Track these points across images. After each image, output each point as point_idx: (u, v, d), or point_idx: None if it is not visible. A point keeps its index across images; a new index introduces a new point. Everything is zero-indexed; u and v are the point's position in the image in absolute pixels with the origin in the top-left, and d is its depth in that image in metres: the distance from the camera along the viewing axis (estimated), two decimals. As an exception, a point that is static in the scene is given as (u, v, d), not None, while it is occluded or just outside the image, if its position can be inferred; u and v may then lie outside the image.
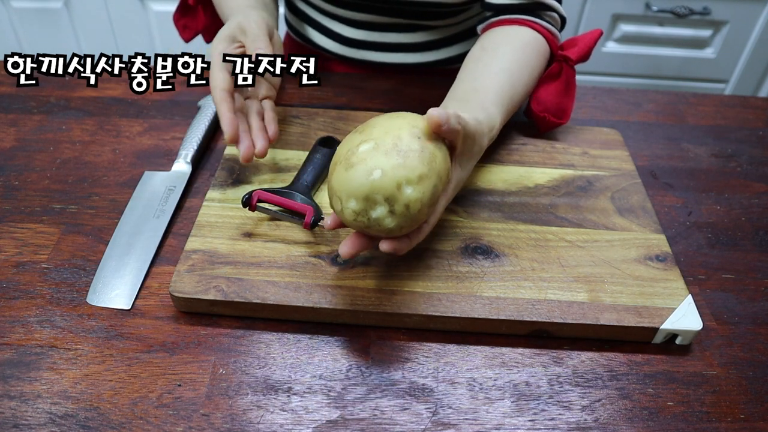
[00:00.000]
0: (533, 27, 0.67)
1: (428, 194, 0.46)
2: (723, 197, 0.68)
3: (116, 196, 0.63)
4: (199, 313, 0.53)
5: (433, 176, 0.46)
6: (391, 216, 0.45)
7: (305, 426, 0.45)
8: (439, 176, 0.46)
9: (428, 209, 0.47)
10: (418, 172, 0.45)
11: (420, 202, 0.45)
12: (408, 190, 0.44)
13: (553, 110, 0.70)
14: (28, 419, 0.45)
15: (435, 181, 0.46)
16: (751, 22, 1.50)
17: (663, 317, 0.52)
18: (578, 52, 0.68)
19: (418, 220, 0.47)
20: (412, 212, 0.45)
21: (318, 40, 0.85)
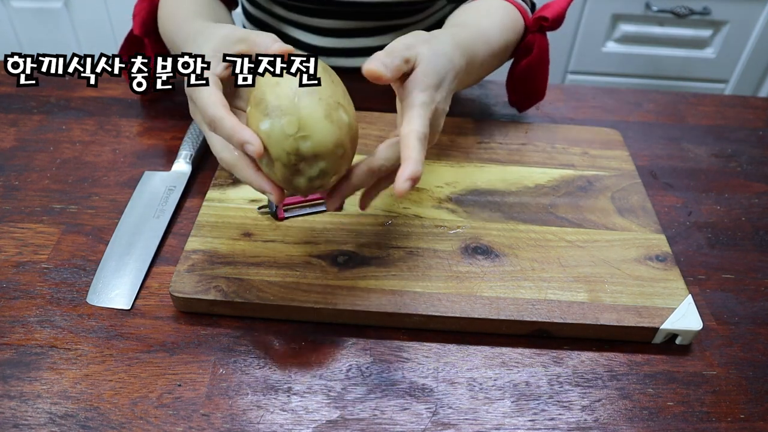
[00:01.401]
0: (507, 1, 0.68)
1: (323, 102, 0.43)
2: (723, 197, 0.68)
3: (116, 196, 0.63)
4: (199, 313, 0.53)
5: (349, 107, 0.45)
6: (314, 168, 0.44)
7: (305, 426, 0.45)
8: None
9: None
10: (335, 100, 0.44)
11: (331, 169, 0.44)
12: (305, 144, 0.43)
13: (530, 88, 0.72)
14: (28, 419, 0.45)
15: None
16: (751, 22, 1.50)
17: (663, 317, 0.52)
18: (553, 12, 0.68)
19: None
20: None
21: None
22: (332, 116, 0.43)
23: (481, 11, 0.66)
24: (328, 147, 0.43)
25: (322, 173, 0.44)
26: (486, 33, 0.62)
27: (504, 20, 0.66)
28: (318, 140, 0.43)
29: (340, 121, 0.44)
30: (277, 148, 0.43)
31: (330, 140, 0.43)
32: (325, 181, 0.45)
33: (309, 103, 0.43)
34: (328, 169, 0.44)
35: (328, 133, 0.43)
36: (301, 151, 0.43)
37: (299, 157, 0.43)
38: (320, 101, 0.43)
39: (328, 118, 0.43)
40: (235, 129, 0.43)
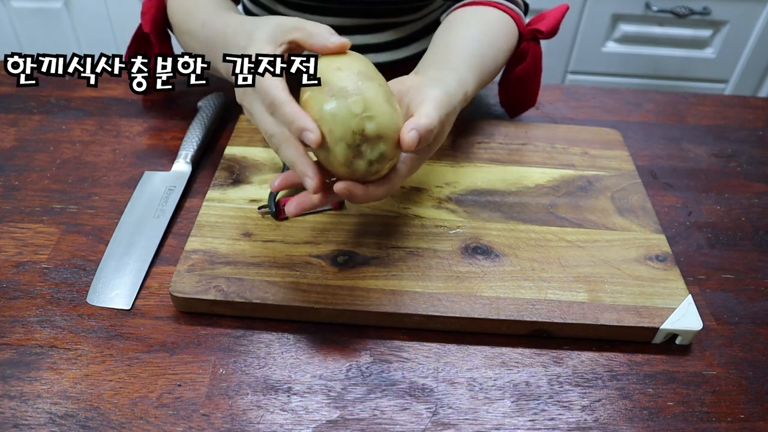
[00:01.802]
0: (498, 7, 0.68)
1: (382, 88, 0.46)
2: (723, 197, 0.68)
3: (116, 196, 0.63)
4: (199, 313, 0.53)
5: (377, 77, 0.46)
6: (373, 149, 0.45)
7: (305, 426, 0.45)
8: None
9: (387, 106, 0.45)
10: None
11: (377, 95, 0.45)
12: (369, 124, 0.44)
13: (522, 94, 0.72)
14: (28, 419, 0.45)
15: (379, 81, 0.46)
16: (751, 22, 1.50)
17: (663, 317, 0.52)
18: (548, 25, 0.68)
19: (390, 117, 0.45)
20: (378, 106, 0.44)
21: None
22: (391, 101, 0.46)
23: (479, 27, 0.64)
24: (390, 128, 0.45)
25: (381, 157, 0.45)
26: (484, 58, 0.61)
27: (500, 40, 0.65)
28: (381, 122, 0.44)
29: (397, 108, 0.47)
30: (343, 127, 0.44)
31: (391, 122, 0.45)
32: (382, 165, 0.46)
33: (371, 87, 0.45)
34: (387, 153, 0.46)
35: (390, 116, 0.45)
36: (366, 131, 0.44)
37: (363, 138, 0.44)
38: (380, 87, 0.46)
39: (389, 103, 0.45)
40: (296, 115, 0.44)
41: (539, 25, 0.68)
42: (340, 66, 0.46)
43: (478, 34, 0.63)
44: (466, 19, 0.66)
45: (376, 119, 0.44)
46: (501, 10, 0.67)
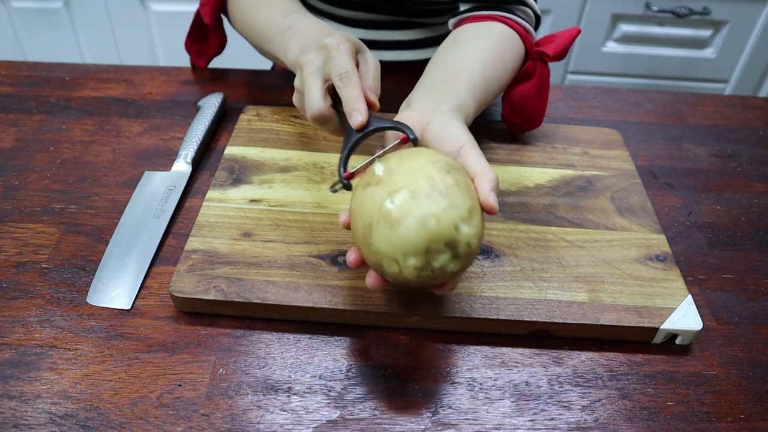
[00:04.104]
0: (506, 23, 0.66)
1: (481, 225, 0.43)
2: (723, 197, 0.68)
3: (116, 196, 0.63)
4: (199, 313, 0.53)
5: (478, 205, 0.43)
6: (455, 260, 0.42)
7: (305, 426, 0.45)
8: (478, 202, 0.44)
9: (480, 241, 0.44)
10: (467, 205, 0.42)
11: (478, 236, 0.42)
12: (465, 228, 0.41)
13: (527, 114, 0.68)
14: (28, 419, 0.45)
15: (480, 210, 0.43)
16: (751, 22, 1.50)
17: (663, 317, 0.52)
18: (555, 49, 0.66)
19: (477, 253, 0.44)
20: (473, 249, 0.42)
21: None
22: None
23: (483, 47, 0.63)
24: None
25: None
26: (487, 81, 0.60)
27: (505, 59, 0.64)
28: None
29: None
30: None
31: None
32: (444, 276, 0.43)
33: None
34: (458, 272, 0.43)
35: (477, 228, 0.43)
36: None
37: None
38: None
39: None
40: (358, 96, 0.51)
41: (546, 47, 0.66)
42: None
43: (481, 56, 0.61)
44: (471, 38, 0.64)
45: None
46: (508, 25, 0.66)
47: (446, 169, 0.43)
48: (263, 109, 0.73)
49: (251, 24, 0.70)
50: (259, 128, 0.70)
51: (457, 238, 0.41)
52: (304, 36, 0.59)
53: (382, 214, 0.41)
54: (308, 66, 0.54)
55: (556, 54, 0.66)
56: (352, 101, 0.51)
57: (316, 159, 0.66)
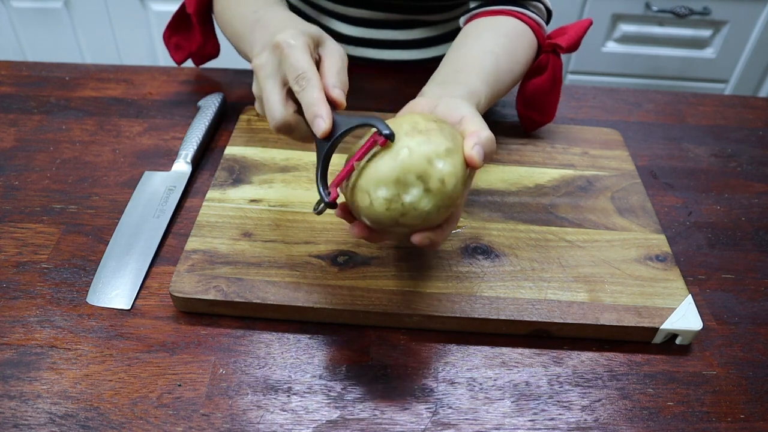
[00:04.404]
0: (518, 17, 0.66)
1: (460, 168, 0.42)
2: (723, 197, 0.68)
3: (116, 196, 0.63)
4: (199, 313, 0.53)
5: (459, 151, 0.43)
6: (427, 195, 0.41)
7: (305, 426, 0.45)
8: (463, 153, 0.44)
9: (462, 188, 0.43)
10: (445, 146, 0.42)
11: (454, 176, 0.42)
12: (439, 164, 0.41)
13: (539, 108, 0.69)
14: (28, 419, 0.45)
15: (462, 157, 0.43)
16: (751, 22, 1.50)
17: (663, 317, 0.52)
18: (568, 40, 0.66)
19: (454, 198, 0.43)
20: (448, 188, 0.42)
21: None
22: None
23: (495, 41, 0.62)
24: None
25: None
26: (499, 73, 0.60)
27: (518, 52, 0.63)
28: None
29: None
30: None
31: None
32: (416, 215, 0.43)
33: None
34: (431, 211, 0.43)
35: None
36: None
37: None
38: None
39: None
40: (318, 99, 0.45)
41: (559, 39, 0.66)
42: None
43: (494, 48, 0.61)
44: (483, 31, 0.64)
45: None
46: (520, 19, 0.66)
47: (433, 119, 0.44)
48: (263, 109, 0.73)
49: (227, 20, 0.67)
50: (259, 128, 0.70)
51: (429, 171, 0.41)
52: (265, 32, 0.53)
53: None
54: (262, 70, 0.48)
55: (569, 45, 0.66)
56: (312, 106, 0.46)
57: (315, 159, 0.66)
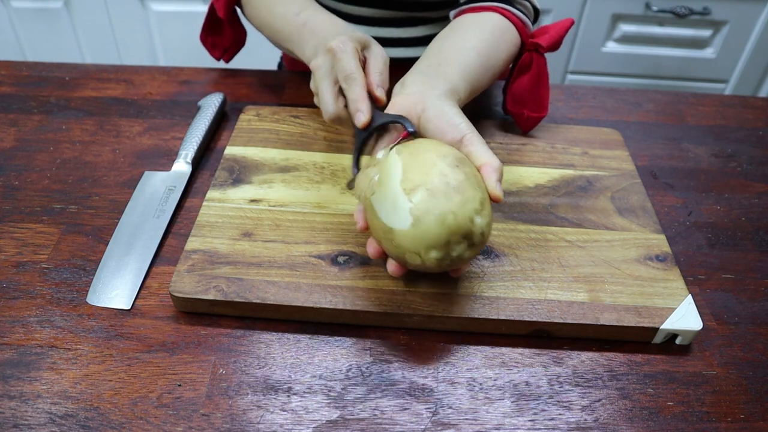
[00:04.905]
0: (503, 14, 0.67)
1: (491, 214, 0.47)
2: (723, 197, 0.68)
3: (116, 196, 0.63)
4: (199, 313, 0.53)
5: (486, 194, 0.47)
6: (471, 248, 0.45)
7: (305, 426, 0.45)
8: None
9: (491, 226, 0.48)
10: (479, 198, 0.45)
11: (489, 225, 0.46)
12: (478, 219, 0.45)
13: (531, 104, 0.70)
14: (28, 419, 0.45)
15: (488, 197, 0.47)
16: (751, 22, 1.50)
17: (663, 317, 0.52)
18: (549, 40, 0.67)
19: (488, 238, 0.48)
20: (486, 236, 0.46)
21: None
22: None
23: (478, 36, 0.64)
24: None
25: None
26: (479, 67, 0.61)
27: (499, 47, 0.65)
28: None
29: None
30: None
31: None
32: (461, 263, 0.47)
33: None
34: (472, 257, 0.47)
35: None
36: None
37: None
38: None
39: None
40: (360, 97, 0.54)
41: (540, 39, 0.68)
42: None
43: (476, 44, 0.62)
44: (468, 26, 0.65)
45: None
46: (505, 16, 0.67)
47: (456, 164, 0.46)
48: (263, 109, 0.73)
49: (266, 21, 0.71)
50: (259, 128, 0.70)
51: (473, 230, 0.45)
52: (316, 35, 0.62)
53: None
54: (318, 71, 0.57)
55: (550, 45, 0.68)
56: (355, 102, 0.54)
57: (316, 159, 0.66)
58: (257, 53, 1.23)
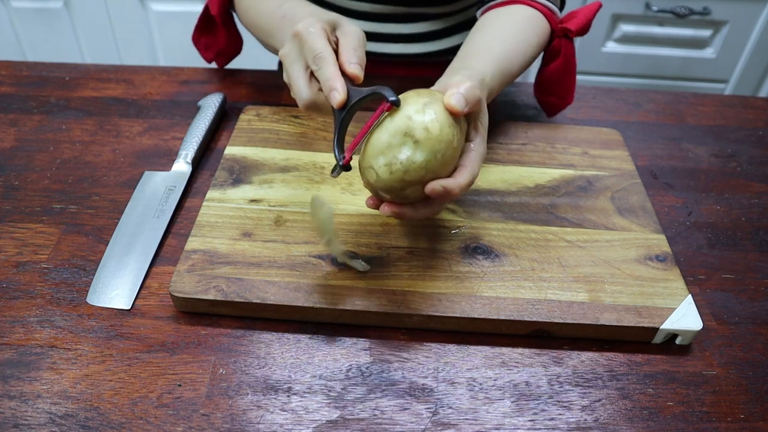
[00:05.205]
0: (529, 4, 0.67)
1: (441, 114, 0.46)
2: (723, 197, 0.68)
3: (116, 196, 0.63)
4: (199, 313, 0.53)
5: (438, 100, 0.47)
6: (418, 146, 0.45)
7: (305, 426, 0.45)
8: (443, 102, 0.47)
9: (451, 130, 0.46)
10: (422, 101, 0.46)
11: (437, 121, 0.45)
12: (418, 116, 0.45)
13: (558, 91, 0.71)
14: (28, 419, 0.45)
15: (442, 106, 0.46)
16: (751, 22, 1.50)
17: (663, 317, 0.52)
18: (578, 23, 0.68)
19: (447, 142, 0.46)
20: (434, 133, 0.45)
21: None
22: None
23: (506, 27, 0.64)
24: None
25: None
26: (507, 53, 0.61)
27: (529, 35, 0.65)
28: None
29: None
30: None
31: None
32: (418, 169, 0.47)
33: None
34: (430, 160, 0.47)
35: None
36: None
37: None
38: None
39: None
40: (333, 75, 0.50)
41: (569, 23, 0.68)
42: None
43: (499, 34, 0.63)
44: (494, 20, 0.66)
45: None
46: (532, 7, 0.67)
47: (425, 93, 0.48)
48: (263, 109, 0.73)
49: (253, 20, 0.70)
50: (259, 128, 0.70)
51: (411, 125, 0.45)
52: (291, 26, 0.58)
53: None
54: (286, 58, 0.55)
55: (579, 28, 0.68)
56: (328, 81, 0.51)
57: (316, 159, 0.66)
58: (257, 54, 1.23)
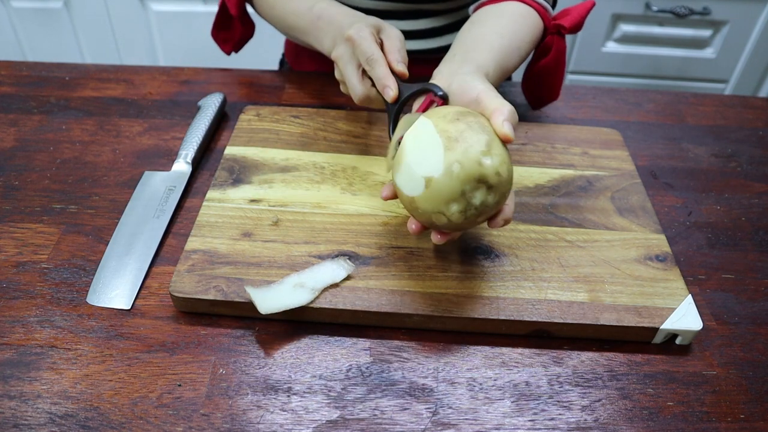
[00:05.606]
0: (523, 1, 0.68)
1: (503, 151, 0.47)
2: (723, 197, 0.68)
3: (116, 196, 0.63)
4: (199, 313, 0.53)
5: (494, 136, 0.47)
6: (491, 191, 0.46)
7: (305, 426, 0.45)
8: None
9: (511, 165, 0.48)
10: (484, 140, 0.46)
11: (504, 164, 0.46)
12: (487, 160, 0.45)
13: (546, 87, 0.73)
14: (28, 419, 0.45)
15: (499, 140, 0.47)
16: (751, 22, 1.50)
17: (663, 317, 0.52)
18: (571, 21, 0.69)
19: (511, 178, 0.48)
20: (504, 177, 0.46)
21: None
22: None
23: (501, 22, 0.65)
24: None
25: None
26: (504, 48, 0.62)
27: (523, 31, 0.66)
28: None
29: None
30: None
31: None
32: (489, 210, 0.47)
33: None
34: (499, 201, 0.48)
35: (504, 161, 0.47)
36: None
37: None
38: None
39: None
40: (385, 74, 0.57)
41: (563, 20, 0.69)
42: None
43: (498, 29, 0.64)
44: (488, 16, 0.67)
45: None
46: (525, 3, 0.68)
47: (456, 117, 0.47)
48: (263, 109, 0.73)
49: (280, 17, 0.73)
50: (259, 128, 0.70)
51: (484, 172, 0.45)
52: (333, 27, 0.64)
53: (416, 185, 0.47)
54: (341, 60, 0.61)
55: (572, 26, 0.69)
56: (381, 79, 0.57)
57: (316, 159, 0.66)
58: (257, 52, 1.23)
